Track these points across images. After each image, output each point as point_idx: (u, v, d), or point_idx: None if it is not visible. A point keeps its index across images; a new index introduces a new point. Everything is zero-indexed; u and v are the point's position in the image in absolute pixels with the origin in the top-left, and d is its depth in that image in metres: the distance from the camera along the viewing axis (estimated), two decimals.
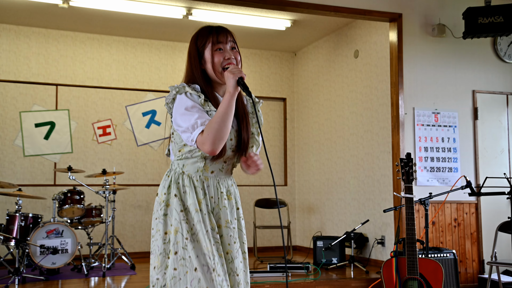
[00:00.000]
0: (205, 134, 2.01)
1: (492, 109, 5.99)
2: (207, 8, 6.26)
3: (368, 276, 5.45)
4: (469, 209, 5.76)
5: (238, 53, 2.20)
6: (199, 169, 2.17)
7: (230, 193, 2.24)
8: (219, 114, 2.00)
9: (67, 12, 6.39)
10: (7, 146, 6.81)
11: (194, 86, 2.19)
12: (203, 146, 2.03)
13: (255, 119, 2.28)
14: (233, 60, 2.16)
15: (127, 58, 7.45)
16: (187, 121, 2.07)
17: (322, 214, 7.35)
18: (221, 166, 2.21)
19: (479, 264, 5.73)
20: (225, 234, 2.17)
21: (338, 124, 7.04)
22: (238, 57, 2.19)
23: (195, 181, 2.16)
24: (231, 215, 2.21)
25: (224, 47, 2.17)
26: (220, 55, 2.15)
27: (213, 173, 2.19)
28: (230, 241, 2.17)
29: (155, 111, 7.42)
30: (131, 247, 7.15)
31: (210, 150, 2.02)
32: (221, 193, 2.20)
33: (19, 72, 6.93)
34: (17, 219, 5.32)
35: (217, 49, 2.16)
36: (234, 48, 2.19)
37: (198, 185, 2.15)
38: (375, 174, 6.20)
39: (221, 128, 2.00)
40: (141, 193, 7.35)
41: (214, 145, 2.00)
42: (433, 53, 5.79)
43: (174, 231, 2.11)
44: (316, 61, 7.69)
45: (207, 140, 2.01)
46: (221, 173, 2.21)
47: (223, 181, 2.22)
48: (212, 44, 2.16)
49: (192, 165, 2.17)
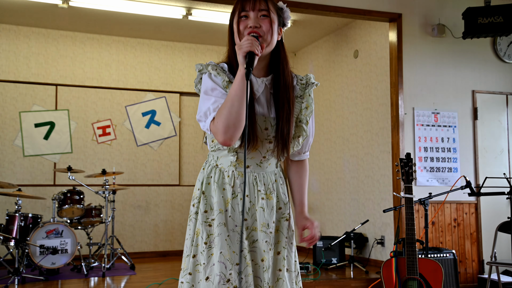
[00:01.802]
0: (216, 121, 1.77)
1: (491, 109, 5.99)
2: (206, 8, 6.26)
3: (367, 276, 5.45)
4: (469, 209, 5.76)
5: (268, 21, 1.84)
6: (232, 163, 1.89)
7: (270, 191, 1.92)
8: (228, 97, 1.73)
9: (66, 12, 6.39)
10: (7, 146, 6.81)
11: (222, 65, 1.90)
12: (216, 136, 1.79)
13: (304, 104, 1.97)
14: (261, 29, 1.83)
15: (127, 58, 7.45)
16: (203, 106, 1.84)
17: (322, 214, 7.35)
18: (259, 160, 1.91)
19: (478, 264, 5.73)
20: (260, 239, 1.88)
21: (337, 124, 7.04)
22: (268, 26, 1.84)
23: (226, 177, 1.90)
24: (269, 217, 1.90)
25: (249, 14, 1.85)
26: (243, 23, 1.85)
27: (249, 168, 1.90)
28: (266, 247, 1.88)
29: (154, 111, 7.43)
30: (131, 247, 7.15)
31: (222, 141, 1.77)
32: (258, 192, 1.90)
33: (18, 72, 6.93)
34: (16, 219, 5.32)
35: (242, 17, 1.86)
36: (264, 16, 1.85)
37: (229, 182, 1.89)
38: (375, 174, 6.20)
39: (231, 114, 1.72)
40: (140, 193, 7.35)
41: (226, 133, 1.74)
42: (433, 53, 5.79)
43: (196, 233, 1.89)
44: (315, 61, 7.69)
45: (218, 129, 1.76)
46: (260, 169, 1.91)
47: (262, 177, 1.92)
48: (238, 12, 1.87)
49: (225, 157, 1.91)
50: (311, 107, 1.97)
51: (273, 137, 1.90)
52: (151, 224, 7.35)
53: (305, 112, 1.97)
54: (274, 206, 1.93)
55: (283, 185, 1.99)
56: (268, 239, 1.89)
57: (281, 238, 1.94)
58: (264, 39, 1.84)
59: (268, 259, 1.88)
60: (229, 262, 1.81)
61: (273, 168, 1.96)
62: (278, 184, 1.97)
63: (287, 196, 2.01)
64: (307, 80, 2.00)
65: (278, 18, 1.91)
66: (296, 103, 1.97)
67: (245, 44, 1.74)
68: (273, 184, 1.95)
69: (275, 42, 1.89)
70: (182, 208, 7.51)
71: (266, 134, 1.89)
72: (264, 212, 1.90)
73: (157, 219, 7.39)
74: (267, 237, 1.89)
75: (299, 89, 1.99)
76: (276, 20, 1.88)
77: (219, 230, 1.84)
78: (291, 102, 1.91)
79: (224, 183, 1.90)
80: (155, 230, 7.36)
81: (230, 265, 1.81)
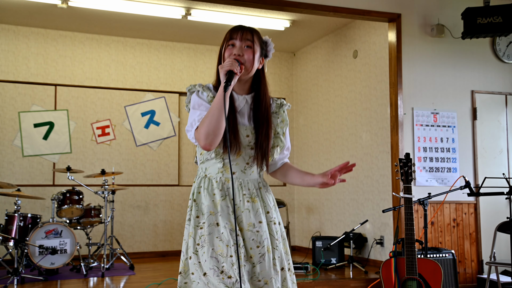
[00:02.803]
0: (199, 129, 2.05)
1: (491, 109, 6.00)
2: (206, 8, 6.26)
3: (367, 276, 5.45)
4: (468, 209, 5.76)
5: (251, 51, 2.13)
6: (219, 169, 2.15)
7: (255, 195, 2.17)
8: (210, 109, 2.01)
9: (66, 12, 6.39)
10: (6, 147, 6.81)
11: (208, 85, 2.20)
12: (199, 141, 2.06)
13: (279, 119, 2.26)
14: (243, 58, 2.11)
15: (126, 58, 7.45)
16: (190, 119, 2.12)
17: (321, 214, 7.35)
18: (243, 167, 2.17)
19: (478, 264, 5.74)
20: (247, 238, 2.10)
21: (337, 124, 7.04)
22: (250, 56, 2.12)
23: (214, 183, 2.14)
24: (256, 218, 2.13)
25: (236, 43, 2.13)
26: (229, 50, 2.14)
27: (235, 174, 2.15)
28: (253, 245, 2.10)
29: (154, 111, 7.43)
30: (130, 247, 7.14)
31: (203, 145, 2.04)
32: (244, 195, 2.14)
33: (18, 72, 6.93)
34: (16, 219, 5.32)
35: (229, 45, 2.15)
36: (248, 47, 2.13)
37: (217, 187, 2.13)
38: (374, 174, 6.20)
39: (211, 123, 1.99)
40: (140, 193, 7.34)
41: (207, 139, 2.01)
42: (432, 53, 5.79)
43: (188, 236, 2.11)
44: (315, 61, 7.69)
45: (200, 135, 2.03)
46: (244, 175, 2.17)
47: (246, 183, 2.17)
48: (227, 40, 2.16)
49: (213, 166, 2.16)
50: (286, 121, 2.27)
51: (254, 144, 2.17)
52: (150, 224, 7.35)
53: (281, 125, 2.26)
54: (260, 208, 2.16)
55: (267, 192, 2.24)
56: (255, 237, 2.11)
57: (272, 240, 2.16)
58: (244, 66, 2.12)
59: (255, 255, 2.09)
60: (221, 256, 2.01)
61: (255, 176, 2.21)
62: (263, 192, 2.22)
63: (274, 203, 2.25)
64: (281, 102, 2.31)
65: (261, 49, 2.19)
66: (273, 118, 2.26)
67: (226, 64, 2.03)
68: (257, 190, 2.19)
69: (254, 70, 2.18)
70: (181, 208, 7.51)
71: (248, 141, 2.16)
72: (250, 213, 2.13)
73: (157, 219, 7.39)
74: (254, 235, 2.11)
75: (275, 107, 2.28)
76: (258, 51, 2.17)
77: (209, 230, 2.06)
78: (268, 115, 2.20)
79: (213, 188, 2.14)
80: (154, 230, 7.36)
81: (222, 259, 2.01)
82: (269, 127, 2.19)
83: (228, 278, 1.99)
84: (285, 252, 2.21)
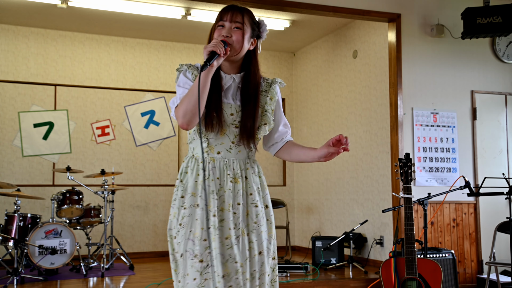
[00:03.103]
0: (178, 107, 2.04)
1: (490, 109, 6.00)
2: (206, 8, 6.26)
3: (366, 276, 5.45)
4: (468, 209, 5.76)
5: (240, 33, 2.11)
6: (204, 150, 2.12)
7: (238, 176, 2.13)
8: (190, 88, 2.01)
9: (65, 12, 6.39)
10: (6, 147, 6.81)
11: (197, 64, 2.19)
12: (177, 120, 2.05)
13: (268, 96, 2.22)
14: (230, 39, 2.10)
15: (126, 58, 7.45)
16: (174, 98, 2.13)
17: (321, 214, 7.35)
18: (229, 146, 2.14)
19: (477, 264, 5.74)
20: (226, 217, 2.08)
21: (337, 124, 7.04)
22: (239, 37, 2.11)
23: (199, 163, 2.12)
24: (235, 199, 2.10)
25: (225, 24, 2.13)
26: (218, 31, 2.13)
27: (220, 154, 2.13)
28: (230, 225, 2.07)
29: (153, 111, 7.42)
30: (130, 247, 7.14)
31: (181, 123, 2.03)
32: (228, 175, 2.11)
33: (17, 72, 6.93)
34: (15, 220, 5.32)
35: (219, 26, 2.14)
36: (237, 28, 2.11)
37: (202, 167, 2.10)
38: (374, 174, 6.20)
39: (190, 102, 1.97)
40: (140, 193, 7.34)
41: (184, 117, 2.00)
42: (432, 53, 5.79)
43: (173, 215, 2.12)
44: (315, 61, 7.69)
45: (178, 113, 2.03)
46: (230, 154, 2.14)
47: (231, 162, 2.14)
48: (217, 21, 2.16)
49: (199, 146, 2.15)
50: (274, 98, 2.23)
51: (238, 122, 2.14)
52: (150, 224, 7.35)
53: (269, 102, 2.22)
54: (240, 189, 2.13)
55: (254, 174, 2.19)
56: (232, 218, 2.09)
57: (250, 222, 2.13)
58: (232, 47, 2.10)
59: (231, 236, 2.06)
60: (197, 239, 2.02)
61: (243, 156, 2.17)
62: (249, 173, 2.17)
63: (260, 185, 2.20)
64: (272, 80, 2.27)
65: (253, 30, 2.18)
66: (262, 96, 2.22)
67: (211, 45, 1.99)
68: (242, 170, 2.15)
69: (244, 51, 2.16)
70: None
71: (232, 119, 2.13)
72: (231, 194, 2.11)
73: (156, 219, 7.39)
74: (231, 216, 2.09)
75: (265, 86, 2.25)
76: (248, 32, 2.15)
77: (189, 211, 2.07)
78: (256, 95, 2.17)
79: (198, 169, 2.12)
80: (154, 230, 7.36)
81: (197, 241, 2.02)
82: (256, 106, 2.16)
83: (199, 262, 1.99)
84: (269, 236, 2.17)
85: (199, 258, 2.00)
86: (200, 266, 1.99)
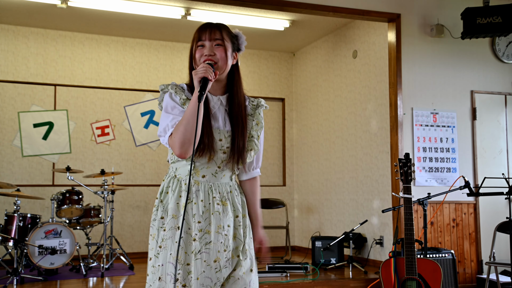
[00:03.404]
0: (173, 137, 1.99)
1: (490, 109, 6.00)
2: (205, 8, 6.25)
3: (366, 276, 5.45)
4: (468, 209, 5.76)
5: (223, 49, 2.07)
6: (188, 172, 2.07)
7: (225, 199, 2.10)
8: (184, 116, 1.95)
9: (65, 12, 6.38)
10: (6, 147, 6.81)
11: (182, 85, 2.14)
12: (173, 149, 2.01)
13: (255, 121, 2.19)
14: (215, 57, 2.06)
15: (126, 58, 7.45)
16: (163, 123, 2.06)
17: (321, 214, 7.35)
18: (214, 171, 2.09)
19: (477, 265, 5.74)
20: (214, 240, 2.03)
21: (336, 124, 7.04)
22: (222, 54, 2.06)
23: (183, 185, 2.07)
24: (225, 221, 2.06)
25: (205, 43, 2.08)
26: (199, 51, 2.08)
27: (205, 178, 2.08)
28: (220, 248, 2.04)
29: (153, 111, 7.42)
30: (130, 248, 7.14)
31: (179, 154, 1.98)
32: (214, 198, 2.07)
33: (17, 72, 6.92)
34: (15, 220, 5.31)
35: (199, 46, 2.09)
36: (218, 45, 2.07)
37: (185, 189, 2.06)
38: (374, 175, 6.20)
39: (186, 131, 1.93)
40: (139, 194, 7.34)
41: (182, 148, 1.96)
42: (432, 53, 5.79)
43: (152, 237, 2.09)
44: (314, 61, 7.69)
45: (175, 143, 1.98)
46: (215, 179, 2.09)
47: (217, 186, 2.10)
48: (196, 41, 2.11)
49: (183, 168, 2.10)
50: (261, 124, 2.20)
51: (226, 148, 2.10)
52: (149, 224, 7.33)
53: (256, 128, 2.19)
54: (229, 211, 2.09)
55: (238, 196, 2.16)
56: (223, 241, 2.05)
57: (239, 244, 2.11)
58: (218, 65, 2.06)
59: (221, 259, 2.04)
60: (178, 263, 1.98)
61: (227, 180, 2.14)
62: (234, 195, 2.14)
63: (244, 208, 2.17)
64: (257, 103, 2.24)
65: (233, 44, 2.14)
66: (248, 120, 2.18)
67: (200, 71, 1.96)
68: (227, 193, 2.12)
69: (229, 67, 2.12)
70: None
71: (220, 145, 2.09)
72: (220, 216, 2.06)
73: None
74: (222, 238, 2.05)
75: (250, 109, 2.22)
76: (230, 47, 2.11)
77: (170, 234, 2.03)
78: (243, 118, 2.14)
79: (181, 190, 2.07)
80: None
81: (179, 266, 1.99)
82: (244, 129, 2.13)
83: (182, 287, 1.98)
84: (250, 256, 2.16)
85: (181, 282, 1.98)
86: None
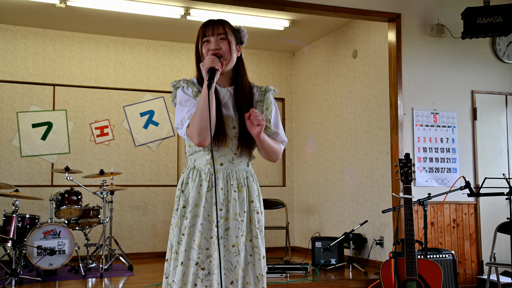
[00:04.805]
0: (190, 127, 2.11)
1: (491, 109, 5.98)
2: (205, 8, 6.24)
3: (366, 277, 5.43)
4: (468, 209, 5.75)
5: (227, 42, 2.21)
6: (207, 161, 2.21)
7: (242, 185, 2.23)
8: (198, 106, 2.08)
9: (64, 12, 6.37)
10: (4, 147, 6.79)
11: (193, 79, 2.27)
12: (192, 139, 2.12)
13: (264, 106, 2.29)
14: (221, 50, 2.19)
15: (125, 58, 7.43)
16: (179, 116, 2.19)
17: (321, 215, 7.33)
18: (231, 157, 2.22)
19: (478, 265, 5.72)
20: (232, 226, 2.17)
21: (336, 125, 7.02)
22: (227, 47, 2.20)
23: (202, 174, 2.20)
24: (241, 208, 2.20)
25: (210, 39, 2.21)
26: (206, 46, 2.21)
27: (223, 165, 2.20)
28: (238, 233, 2.17)
29: (153, 111, 7.40)
30: (129, 248, 7.12)
31: (198, 143, 2.10)
32: (231, 185, 2.20)
33: (16, 72, 6.90)
34: (14, 220, 5.29)
35: (204, 42, 2.22)
36: (223, 39, 2.21)
37: (205, 178, 2.19)
38: (374, 175, 6.19)
39: (202, 120, 2.05)
40: (139, 194, 7.32)
41: (200, 136, 2.08)
42: (432, 53, 5.78)
43: (175, 225, 2.20)
44: (314, 61, 7.68)
45: (193, 133, 2.09)
46: (232, 165, 2.22)
47: (235, 173, 2.22)
48: (201, 37, 2.23)
49: (201, 158, 2.23)
50: (270, 107, 2.29)
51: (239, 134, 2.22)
52: (149, 225, 7.33)
53: (265, 112, 2.29)
54: (245, 198, 2.22)
55: (253, 182, 2.29)
56: (240, 226, 2.19)
57: (253, 228, 2.23)
58: (224, 58, 2.19)
59: (239, 244, 2.17)
60: (198, 248, 2.12)
61: (244, 166, 2.27)
62: (250, 181, 2.27)
63: (258, 192, 2.31)
64: (266, 88, 2.35)
65: (236, 38, 2.27)
66: (258, 106, 2.31)
67: (207, 62, 2.09)
68: (244, 180, 2.25)
69: (235, 59, 2.25)
70: None
71: (235, 132, 2.21)
72: (236, 203, 2.20)
73: (155, 220, 7.37)
74: (239, 225, 2.18)
75: (259, 95, 2.33)
76: (234, 40, 2.24)
77: (192, 221, 2.16)
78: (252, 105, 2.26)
79: (201, 179, 2.20)
80: (153, 230, 7.34)
81: (199, 250, 2.12)
82: None
83: (201, 270, 2.11)
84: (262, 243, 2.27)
85: (201, 265, 2.12)
86: (202, 273, 2.11)
